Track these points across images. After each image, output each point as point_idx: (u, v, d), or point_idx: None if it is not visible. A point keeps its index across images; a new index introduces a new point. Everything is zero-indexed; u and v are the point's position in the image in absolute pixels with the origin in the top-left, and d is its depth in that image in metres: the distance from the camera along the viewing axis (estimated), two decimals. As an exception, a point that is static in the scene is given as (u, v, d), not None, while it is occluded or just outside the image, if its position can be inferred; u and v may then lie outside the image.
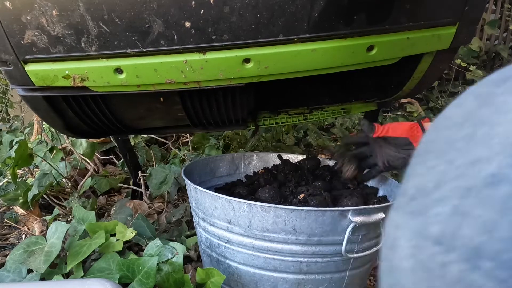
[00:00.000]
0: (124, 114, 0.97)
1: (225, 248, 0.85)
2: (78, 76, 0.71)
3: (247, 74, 0.73)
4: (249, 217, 0.77)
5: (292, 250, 0.78)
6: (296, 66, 0.73)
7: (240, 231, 0.80)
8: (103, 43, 0.66)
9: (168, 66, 0.70)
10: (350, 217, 0.74)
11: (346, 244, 0.75)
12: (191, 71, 0.71)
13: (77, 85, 0.72)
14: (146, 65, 0.69)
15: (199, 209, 0.89)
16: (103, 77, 0.71)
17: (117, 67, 0.69)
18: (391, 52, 0.77)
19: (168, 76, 0.71)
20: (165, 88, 0.75)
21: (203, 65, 0.70)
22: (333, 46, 0.71)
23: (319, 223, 0.74)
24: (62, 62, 0.69)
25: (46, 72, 0.70)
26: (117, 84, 0.72)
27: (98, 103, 0.89)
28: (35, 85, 0.72)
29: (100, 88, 0.74)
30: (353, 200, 0.91)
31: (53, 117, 0.87)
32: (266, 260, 0.80)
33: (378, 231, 0.81)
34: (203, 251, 0.97)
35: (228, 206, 0.79)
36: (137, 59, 0.69)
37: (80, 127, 0.96)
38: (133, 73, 0.70)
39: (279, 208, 0.73)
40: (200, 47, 0.68)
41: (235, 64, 0.71)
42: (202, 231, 0.92)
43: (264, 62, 0.71)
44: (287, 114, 1.20)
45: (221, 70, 0.71)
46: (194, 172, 1.10)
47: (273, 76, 0.75)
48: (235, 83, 0.76)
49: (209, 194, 0.82)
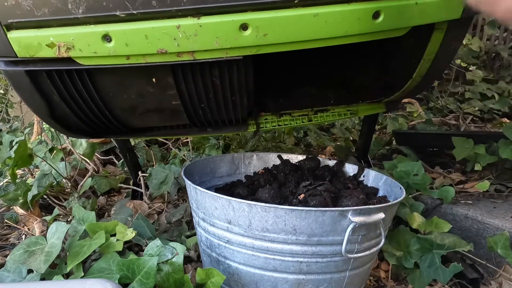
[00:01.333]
0: (114, 100, 0.90)
1: (225, 248, 0.85)
2: (63, 44, 0.66)
3: (245, 43, 0.68)
4: (249, 217, 0.77)
5: (292, 250, 0.78)
6: (298, 34, 0.69)
7: (240, 231, 0.80)
8: (91, 4, 0.62)
9: (159, 32, 0.65)
10: (350, 217, 0.74)
11: (346, 244, 0.75)
12: (185, 38, 0.66)
13: (61, 55, 0.67)
14: (136, 30, 0.65)
15: (199, 209, 0.89)
16: (90, 45, 0.66)
17: (105, 34, 0.65)
18: (399, 21, 0.73)
19: (159, 44, 0.67)
20: (157, 61, 0.70)
21: (197, 31, 0.65)
22: (336, 11, 0.67)
23: (319, 223, 0.74)
24: (47, 28, 0.65)
25: (30, 40, 0.66)
26: (105, 54, 0.67)
27: (85, 82, 0.82)
28: (18, 56, 0.68)
29: (87, 59, 0.70)
30: (353, 200, 0.91)
31: (36, 99, 0.80)
32: (266, 260, 0.80)
33: (378, 231, 0.81)
34: (203, 251, 0.97)
35: (228, 206, 0.79)
36: (126, 24, 0.64)
37: (67, 118, 0.90)
38: (122, 41, 0.66)
39: (279, 208, 0.73)
40: (194, 9, 0.63)
41: (232, 30, 0.66)
42: (202, 231, 0.92)
43: (263, 28, 0.66)
44: (291, 116, 1.17)
45: (217, 38, 0.67)
46: (194, 172, 1.10)
47: (273, 47, 0.70)
48: (232, 55, 0.71)
49: (209, 194, 0.82)
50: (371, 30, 0.72)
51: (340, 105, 1.18)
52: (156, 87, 0.85)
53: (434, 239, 1.03)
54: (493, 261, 1.05)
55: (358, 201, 0.90)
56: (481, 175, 1.54)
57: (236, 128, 1.12)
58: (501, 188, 1.40)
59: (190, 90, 0.87)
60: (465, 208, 1.19)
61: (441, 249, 1.02)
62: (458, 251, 1.03)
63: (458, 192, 1.38)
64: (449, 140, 1.50)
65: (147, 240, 1.10)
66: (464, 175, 1.58)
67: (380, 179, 1.08)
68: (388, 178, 1.04)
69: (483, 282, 1.03)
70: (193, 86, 0.85)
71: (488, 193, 1.36)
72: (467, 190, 1.41)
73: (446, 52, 0.87)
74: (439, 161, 1.78)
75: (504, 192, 1.38)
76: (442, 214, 1.23)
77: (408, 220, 1.12)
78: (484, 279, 1.03)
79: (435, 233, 1.05)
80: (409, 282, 1.04)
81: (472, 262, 1.07)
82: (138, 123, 1.06)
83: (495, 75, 3.40)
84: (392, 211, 0.86)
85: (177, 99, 0.88)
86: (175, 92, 0.86)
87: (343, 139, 2.26)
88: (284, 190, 1.01)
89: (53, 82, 0.78)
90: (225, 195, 0.79)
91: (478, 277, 1.00)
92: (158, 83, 0.84)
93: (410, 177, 1.28)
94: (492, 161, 1.42)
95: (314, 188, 0.95)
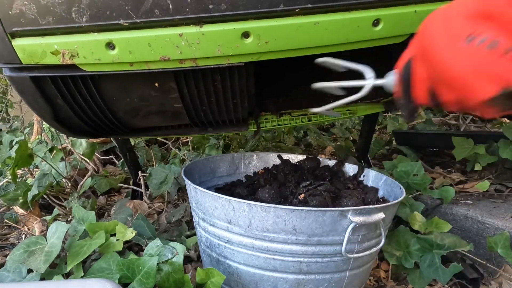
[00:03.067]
0: (117, 103, 0.91)
1: (225, 248, 0.85)
2: (67, 52, 0.67)
3: (247, 51, 0.69)
4: (249, 217, 0.77)
5: (292, 250, 0.78)
6: (299, 41, 0.69)
7: (240, 231, 0.80)
8: (95, 13, 0.63)
9: (162, 40, 0.66)
10: (350, 217, 0.74)
11: (346, 244, 0.75)
12: (187, 46, 0.67)
13: (66, 63, 0.68)
14: (140, 38, 0.65)
15: (199, 209, 0.89)
16: (94, 52, 0.67)
17: (109, 42, 0.66)
18: (398, 28, 0.73)
19: (162, 52, 0.67)
20: (159, 68, 0.71)
21: (199, 39, 0.66)
22: (336, 19, 0.68)
23: (319, 223, 0.74)
24: (51, 36, 0.66)
25: (34, 48, 0.66)
26: (108, 61, 0.68)
27: (89, 87, 0.83)
28: (22, 63, 0.68)
29: (91, 66, 0.70)
30: (353, 200, 0.91)
31: (40, 103, 0.81)
32: (266, 260, 0.80)
33: (378, 231, 0.81)
34: (203, 251, 0.97)
35: (228, 206, 0.79)
36: (130, 32, 0.65)
37: (70, 120, 0.90)
38: (125, 48, 0.66)
39: (279, 208, 0.73)
40: (197, 17, 0.64)
41: (234, 38, 0.67)
42: (202, 231, 0.92)
43: (264, 36, 0.67)
44: (290, 116, 1.18)
45: (219, 46, 0.68)
46: (194, 172, 1.10)
47: (274, 53, 0.71)
48: (234, 61, 0.72)
49: (209, 194, 0.82)
50: (371, 38, 0.73)
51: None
52: (159, 91, 0.86)
53: (434, 239, 1.03)
54: (493, 261, 1.05)
55: (358, 201, 0.90)
56: (481, 175, 1.54)
57: (236, 128, 1.12)
58: (501, 188, 1.40)
59: (192, 94, 0.88)
60: (465, 208, 1.19)
61: (441, 249, 1.02)
62: (458, 251, 1.03)
63: (458, 192, 1.38)
64: (449, 140, 1.50)
65: (147, 240, 1.10)
66: (464, 175, 1.58)
67: (380, 179, 1.08)
68: (388, 178, 1.04)
69: (483, 282, 1.03)
70: (195, 90, 0.86)
71: (488, 193, 1.36)
72: (467, 190, 1.41)
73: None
74: (439, 161, 1.78)
75: (504, 192, 1.38)
76: (442, 214, 1.23)
77: (409, 220, 1.12)
78: (484, 279, 1.03)
79: (435, 233, 1.05)
80: (409, 282, 1.04)
81: (472, 262, 1.07)
82: (140, 124, 1.07)
83: (495, 75, 3.40)
84: (392, 211, 0.86)
85: (179, 102, 0.89)
86: (177, 95, 0.86)
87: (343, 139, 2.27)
88: (284, 190, 1.01)
89: (57, 88, 0.79)
90: (225, 195, 0.79)
91: (478, 277, 1.00)
92: (160, 87, 0.84)
93: (410, 177, 1.28)
94: (492, 161, 1.42)
95: (314, 188, 0.95)
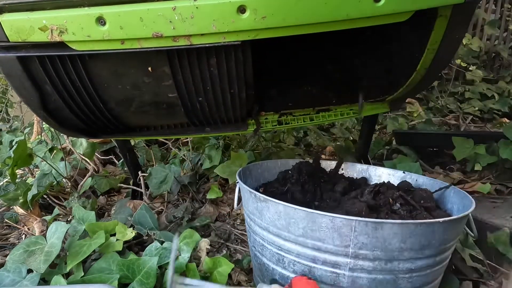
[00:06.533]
0: (108, 91, 0.87)
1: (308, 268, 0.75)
2: (56, 27, 0.65)
3: (243, 27, 0.66)
4: (338, 233, 0.68)
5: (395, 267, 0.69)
6: (297, 17, 0.67)
7: (328, 247, 0.70)
8: None
9: (155, 14, 0.63)
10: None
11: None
12: (181, 20, 0.64)
13: (54, 39, 0.66)
14: (131, 12, 0.63)
15: (263, 221, 0.80)
16: (84, 28, 0.65)
17: (99, 16, 0.63)
18: (401, 4, 0.70)
19: (155, 27, 0.65)
20: (152, 46, 0.68)
21: (193, 13, 0.64)
22: None
23: (426, 236, 0.68)
24: (40, 10, 0.64)
25: (22, 23, 0.64)
26: (99, 38, 0.66)
27: (78, 70, 0.79)
28: (9, 40, 0.66)
29: (80, 44, 0.68)
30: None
31: (28, 87, 0.78)
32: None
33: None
34: (254, 256, 0.90)
35: (307, 221, 0.69)
36: (121, 6, 0.63)
37: (60, 112, 0.87)
38: (116, 24, 0.64)
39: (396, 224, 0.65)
40: None
41: (229, 12, 0.64)
42: (261, 240, 0.84)
43: (261, 10, 0.64)
44: (292, 116, 1.14)
45: (214, 21, 0.65)
46: (249, 177, 1.04)
47: (272, 31, 0.68)
48: (230, 39, 0.69)
49: (284, 205, 0.73)
50: (373, 14, 0.70)
51: (342, 105, 1.15)
52: (152, 77, 0.82)
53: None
54: (493, 260, 1.05)
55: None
56: (481, 175, 1.54)
57: (235, 128, 1.09)
58: (501, 188, 1.40)
59: (187, 81, 0.84)
60: (465, 208, 1.19)
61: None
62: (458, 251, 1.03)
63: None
64: (449, 140, 1.50)
65: (149, 230, 1.09)
66: (464, 175, 1.58)
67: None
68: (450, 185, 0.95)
69: (483, 282, 1.03)
70: (190, 76, 0.83)
71: (488, 193, 1.36)
72: (467, 190, 1.41)
73: (450, 41, 0.85)
74: (439, 161, 1.78)
75: (504, 192, 1.38)
76: (442, 214, 1.22)
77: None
78: (484, 279, 1.03)
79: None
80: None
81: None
82: (134, 119, 1.03)
83: (495, 75, 3.41)
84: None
85: (174, 91, 0.86)
86: (171, 82, 0.83)
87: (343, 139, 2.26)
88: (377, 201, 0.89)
89: (45, 70, 0.76)
90: (282, 201, 0.72)
91: (478, 277, 1.00)
92: (154, 72, 0.81)
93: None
94: (492, 161, 1.42)
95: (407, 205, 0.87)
